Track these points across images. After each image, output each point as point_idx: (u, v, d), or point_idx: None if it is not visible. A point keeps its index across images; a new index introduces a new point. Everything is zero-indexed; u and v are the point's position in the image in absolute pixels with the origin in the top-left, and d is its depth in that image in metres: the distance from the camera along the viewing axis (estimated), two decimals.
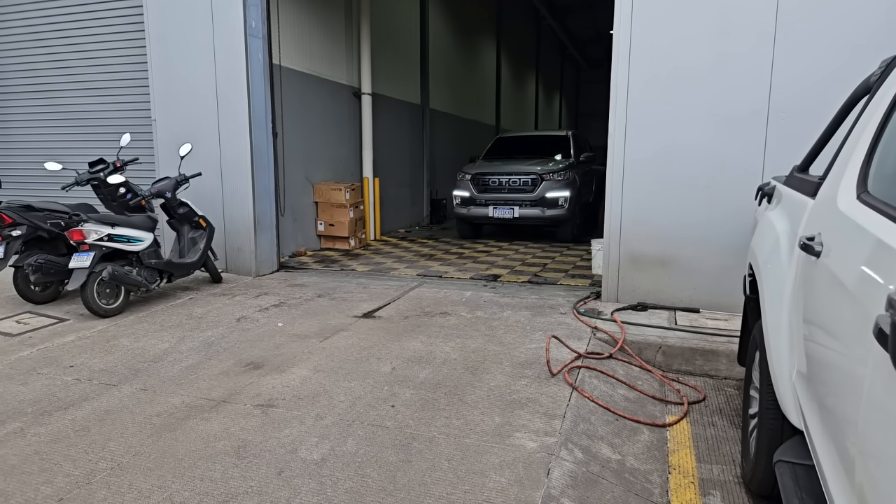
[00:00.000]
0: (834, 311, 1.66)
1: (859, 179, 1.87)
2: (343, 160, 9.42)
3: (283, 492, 2.42)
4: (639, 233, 5.17)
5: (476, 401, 3.30)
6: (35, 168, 7.69)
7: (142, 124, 6.98)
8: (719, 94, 4.80)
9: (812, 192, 2.28)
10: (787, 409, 2.06)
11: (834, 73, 4.42)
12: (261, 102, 6.55)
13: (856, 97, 2.48)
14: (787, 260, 2.31)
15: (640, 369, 4.04)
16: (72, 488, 2.47)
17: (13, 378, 3.68)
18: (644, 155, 5.06)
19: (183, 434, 2.93)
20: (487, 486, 2.46)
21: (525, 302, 5.46)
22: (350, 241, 8.72)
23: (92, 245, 4.87)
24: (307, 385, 3.53)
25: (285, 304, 5.41)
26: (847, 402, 1.45)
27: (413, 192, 12.10)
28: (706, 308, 5.02)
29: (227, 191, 6.57)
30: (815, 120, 4.13)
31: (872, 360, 1.25)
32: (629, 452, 2.95)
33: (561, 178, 9.09)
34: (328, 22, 8.72)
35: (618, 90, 5.08)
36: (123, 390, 3.48)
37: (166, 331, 4.63)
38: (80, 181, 5.53)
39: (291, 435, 2.91)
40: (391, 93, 10.76)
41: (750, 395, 2.80)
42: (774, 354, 2.21)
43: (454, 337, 4.41)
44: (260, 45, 6.46)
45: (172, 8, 6.49)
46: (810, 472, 1.88)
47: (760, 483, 2.45)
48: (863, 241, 1.54)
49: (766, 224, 2.83)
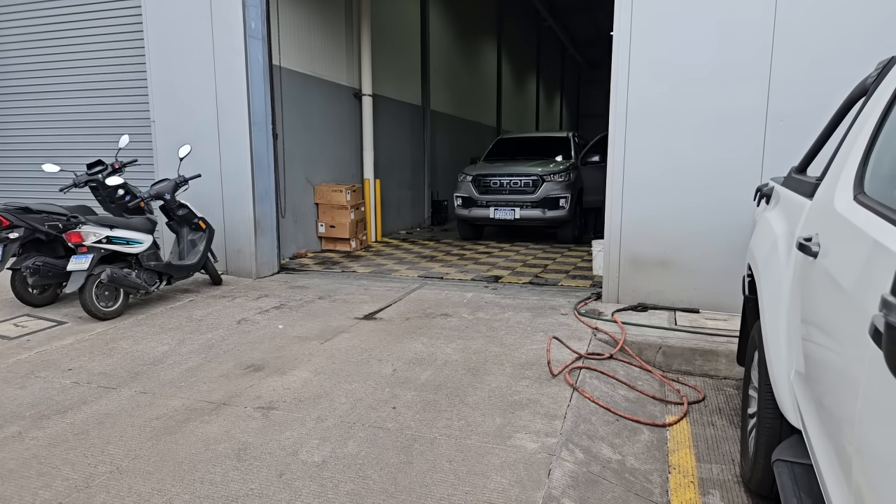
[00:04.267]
0: (831, 311, 1.67)
1: (856, 180, 1.88)
2: (344, 161, 9.43)
3: (284, 494, 2.43)
4: (639, 234, 5.18)
5: (477, 402, 3.30)
6: (33, 170, 7.70)
7: (140, 126, 6.99)
8: (718, 96, 4.80)
9: (809, 193, 2.28)
10: (786, 408, 2.07)
11: (832, 77, 4.42)
12: (261, 104, 6.55)
13: (852, 99, 2.49)
14: (785, 260, 2.32)
15: (640, 370, 4.05)
16: (70, 492, 2.47)
17: (11, 382, 3.68)
18: (644, 156, 5.07)
19: (183, 437, 2.93)
20: (489, 487, 2.46)
21: (526, 303, 5.46)
22: (351, 243, 8.73)
23: (90, 247, 4.87)
24: (308, 387, 3.53)
25: (286, 306, 5.41)
26: (844, 402, 1.45)
27: (414, 193, 12.11)
28: (706, 308, 5.02)
29: (227, 192, 6.57)
30: (813, 121, 4.15)
31: (869, 359, 1.25)
32: (629, 452, 2.95)
33: (562, 179, 9.10)
34: (328, 23, 8.72)
35: (618, 91, 5.09)
36: (122, 393, 3.49)
37: (166, 333, 4.64)
38: (78, 183, 5.53)
39: (292, 437, 2.91)
40: (392, 94, 10.77)
41: (749, 394, 2.80)
42: (773, 354, 2.21)
43: (455, 338, 4.42)
44: (260, 46, 6.47)
45: (171, 8, 6.50)
46: (809, 472, 1.89)
47: (759, 482, 2.45)
48: (859, 242, 1.54)
49: (765, 225, 2.84)
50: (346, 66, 9.25)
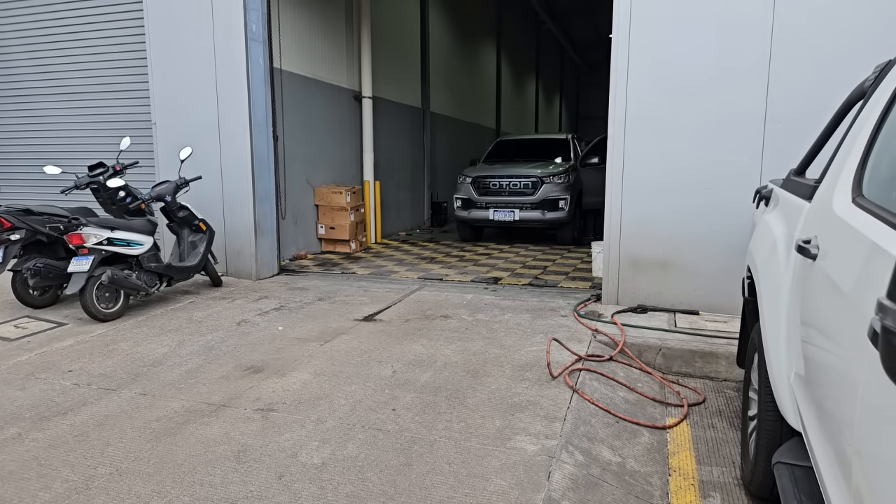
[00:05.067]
0: (830, 313, 1.67)
1: (854, 183, 1.88)
2: (344, 163, 9.44)
3: (284, 496, 2.43)
4: (639, 236, 5.18)
5: (477, 404, 3.30)
6: (34, 172, 7.71)
7: (142, 128, 7.00)
8: (717, 98, 4.81)
9: (808, 196, 2.29)
10: (786, 410, 2.07)
11: (831, 79, 4.43)
12: (261, 106, 6.56)
13: (851, 102, 2.50)
14: (784, 262, 2.32)
15: (640, 371, 4.05)
16: (70, 494, 2.47)
17: (11, 383, 3.68)
18: (643, 158, 5.08)
19: (182, 439, 2.93)
20: (488, 489, 2.47)
21: (526, 305, 5.46)
22: (351, 245, 8.73)
23: (91, 249, 4.87)
24: (308, 389, 3.53)
25: (286, 308, 5.41)
26: (844, 404, 1.45)
27: (414, 195, 12.12)
28: (706, 310, 5.03)
29: (228, 194, 6.58)
30: (812, 123, 4.16)
31: (868, 361, 1.25)
32: (629, 455, 2.95)
33: (561, 180, 9.11)
34: (329, 25, 8.74)
35: (617, 94, 5.10)
36: (122, 395, 3.49)
37: (166, 335, 4.64)
38: (79, 185, 5.54)
39: (292, 439, 2.91)
40: (392, 96, 10.78)
41: (749, 397, 2.80)
42: (773, 356, 2.22)
43: (455, 340, 4.42)
44: (260, 48, 6.48)
45: (172, 11, 6.51)
46: (809, 474, 1.89)
47: (760, 485, 2.45)
48: (858, 244, 1.55)
49: (764, 227, 2.84)
50: (346, 69, 9.27)
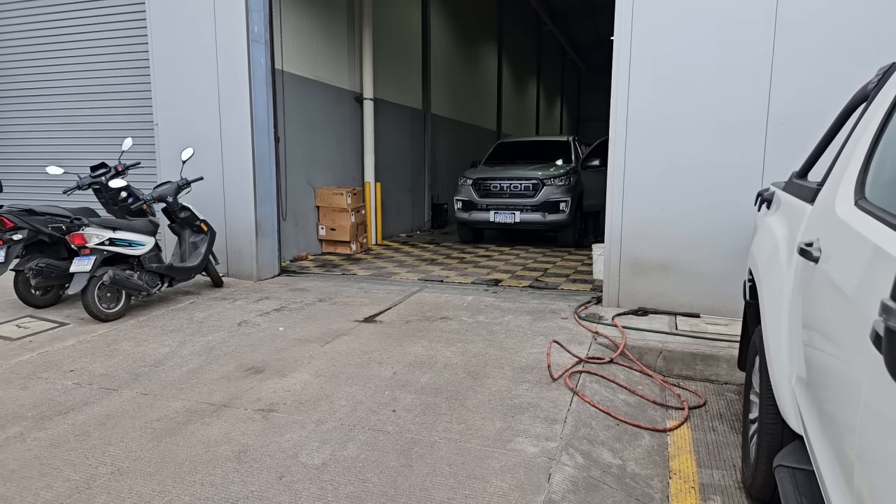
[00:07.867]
0: (833, 316, 1.67)
1: (857, 185, 1.88)
2: (345, 165, 9.45)
3: (284, 497, 2.43)
4: (639, 238, 5.18)
5: (477, 405, 3.30)
6: (36, 172, 7.73)
7: (144, 128, 7.01)
8: (719, 101, 4.81)
9: (810, 198, 2.29)
10: (787, 413, 2.07)
11: (833, 81, 4.43)
12: (263, 107, 6.57)
13: (853, 104, 2.50)
14: (786, 265, 2.32)
15: (640, 374, 4.05)
16: (72, 493, 2.47)
17: (13, 382, 3.68)
18: (645, 160, 5.08)
19: (183, 439, 2.93)
20: (488, 490, 2.46)
21: (526, 307, 5.46)
22: (351, 246, 8.74)
23: (93, 249, 4.88)
24: (308, 389, 3.53)
25: (286, 309, 5.41)
26: (846, 407, 1.45)
27: (414, 196, 12.13)
28: (707, 313, 5.02)
29: (229, 195, 6.58)
30: (814, 125, 4.16)
31: (870, 364, 1.25)
32: (630, 457, 2.95)
33: (562, 183, 9.11)
34: (330, 27, 8.76)
35: (618, 96, 5.10)
36: (124, 395, 3.49)
37: (167, 335, 4.64)
38: (81, 185, 5.55)
39: (292, 440, 2.91)
40: (393, 98, 10.80)
41: (750, 399, 2.80)
42: (774, 359, 2.21)
43: (455, 341, 4.42)
44: (262, 50, 6.49)
45: (175, 12, 6.52)
46: (810, 477, 1.89)
47: (761, 488, 2.45)
48: (860, 247, 1.55)
49: (766, 230, 2.84)
50: (347, 70, 9.28)
